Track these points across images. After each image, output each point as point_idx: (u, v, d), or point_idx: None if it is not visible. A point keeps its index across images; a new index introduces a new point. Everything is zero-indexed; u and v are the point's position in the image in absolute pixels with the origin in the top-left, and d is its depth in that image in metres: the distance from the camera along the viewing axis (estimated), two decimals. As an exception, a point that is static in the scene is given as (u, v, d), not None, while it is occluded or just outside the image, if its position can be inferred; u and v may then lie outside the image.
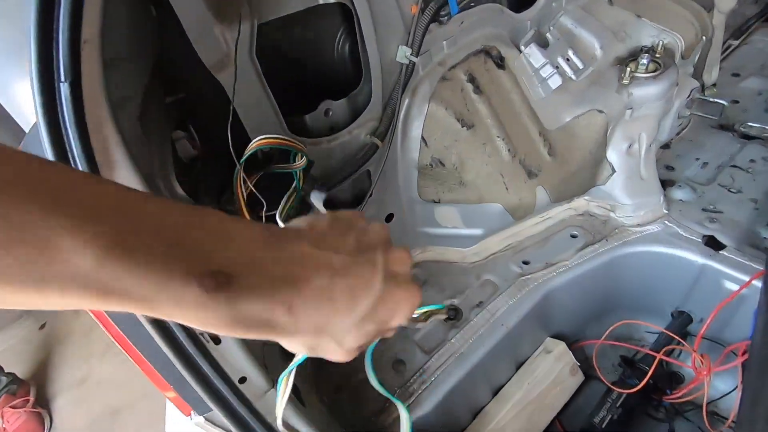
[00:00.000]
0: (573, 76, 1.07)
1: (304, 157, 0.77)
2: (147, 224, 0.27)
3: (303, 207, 0.80)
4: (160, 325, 0.55)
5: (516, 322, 1.12)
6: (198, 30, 0.64)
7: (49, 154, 0.46)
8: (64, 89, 0.44)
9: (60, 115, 0.45)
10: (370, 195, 1.02)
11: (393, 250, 0.38)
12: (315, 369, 1.11)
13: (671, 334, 1.20)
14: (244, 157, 0.69)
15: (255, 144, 0.68)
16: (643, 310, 1.32)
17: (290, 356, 0.88)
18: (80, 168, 0.46)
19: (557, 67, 1.07)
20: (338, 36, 0.94)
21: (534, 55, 1.06)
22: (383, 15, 0.87)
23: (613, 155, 1.18)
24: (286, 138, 0.74)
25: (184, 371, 0.59)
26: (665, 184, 1.31)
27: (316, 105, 0.87)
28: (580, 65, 1.09)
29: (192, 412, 0.74)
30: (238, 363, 0.65)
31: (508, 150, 1.05)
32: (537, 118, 1.09)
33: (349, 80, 0.93)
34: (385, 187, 1.09)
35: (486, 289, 1.21)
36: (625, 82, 1.14)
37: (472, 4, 0.97)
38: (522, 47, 1.08)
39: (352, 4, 0.80)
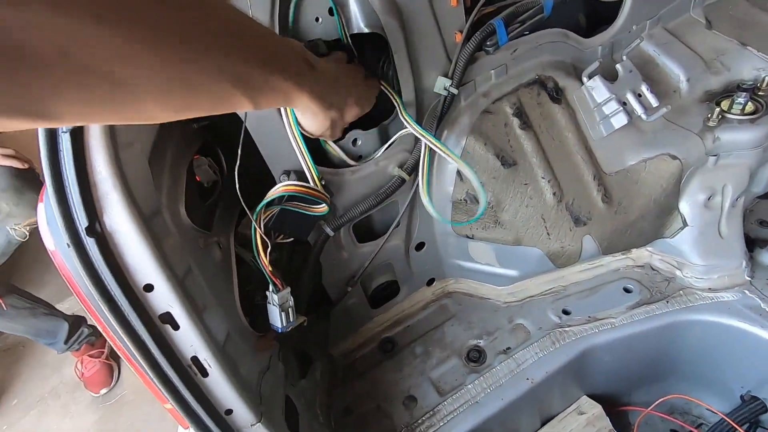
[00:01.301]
0: (643, 116, 0.93)
1: (324, 206, 0.76)
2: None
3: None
4: (148, 356, 0.58)
5: (544, 378, 1.03)
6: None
7: (51, 196, 0.49)
8: (65, 140, 0.47)
9: (62, 163, 0.48)
10: (396, 225, 0.98)
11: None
12: (328, 389, 1.11)
13: (736, 422, 1.02)
14: (261, 205, 0.69)
15: (275, 192, 0.68)
16: (703, 385, 1.14)
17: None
18: (77, 209, 0.49)
19: (624, 104, 0.93)
20: (382, 64, 0.91)
21: (597, 88, 0.94)
22: (423, 42, 0.82)
23: (686, 207, 1.02)
24: (309, 187, 0.73)
25: (172, 401, 0.61)
26: (755, 243, 1.10)
27: (344, 133, 0.85)
28: (653, 102, 0.94)
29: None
30: (225, 396, 0.66)
31: (554, 193, 0.94)
32: (594, 160, 0.97)
33: (384, 108, 0.89)
34: (417, 216, 1.05)
35: (517, 334, 1.12)
36: (712, 123, 0.97)
37: (526, 33, 0.88)
38: (584, 78, 0.96)
39: (384, 32, 0.76)
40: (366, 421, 1.04)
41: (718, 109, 0.96)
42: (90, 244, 0.51)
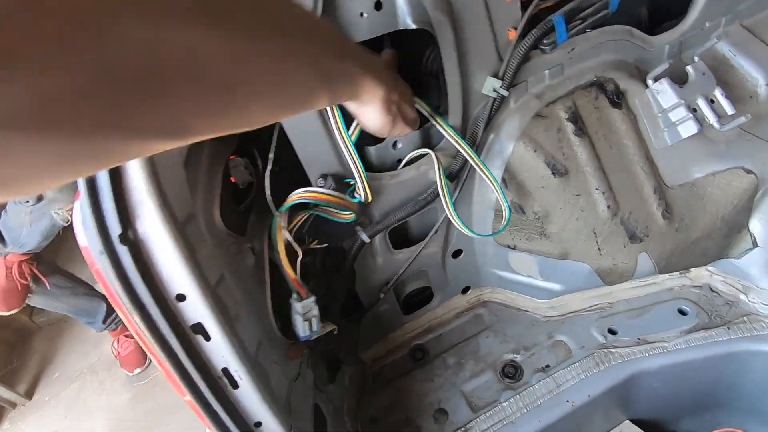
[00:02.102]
0: (716, 124, 0.84)
1: (351, 213, 0.72)
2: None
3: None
4: (179, 366, 0.56)
5: (585, 401, 0.96)
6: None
7: (85, 202, 0.47)
8: None
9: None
10: (433, 233, 0.93)
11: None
12: (357, 393, 1.09)
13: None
14: (284, 208, 0.66)
15: (295, 197, 0.65)
16: (762, 420, 1.04)
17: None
18: (109, 215, 0.47)
19: (695, 111, 0.84)
20: (426, 54, 0.85)
21: (664, 92, 0.85)
22: (472, 40, 0.76)
23: (758, 226, 0.92)
24: (332, 194, 0.69)
25: (203, 412, 0.59)
26: (835, 269, 0.99)
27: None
28: (729, 110, 0.84)
29: None
30: (254, 408, 0.64)
31: (608, 206, 0.87)
32: (655, 171, 0.89)
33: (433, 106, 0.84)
34: (455, 222, 1.00)
35: (557, 351, 1.06)
36: (796, 134, 0.86)
37: (587, 30, 0.80)
38: (650, 81, 0.87)
39: (432, 28, 0.70)
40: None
41: (804, 119, 0.85)
42: (122, 252, 0.49)
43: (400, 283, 1.09)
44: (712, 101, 0.85)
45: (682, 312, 1.03)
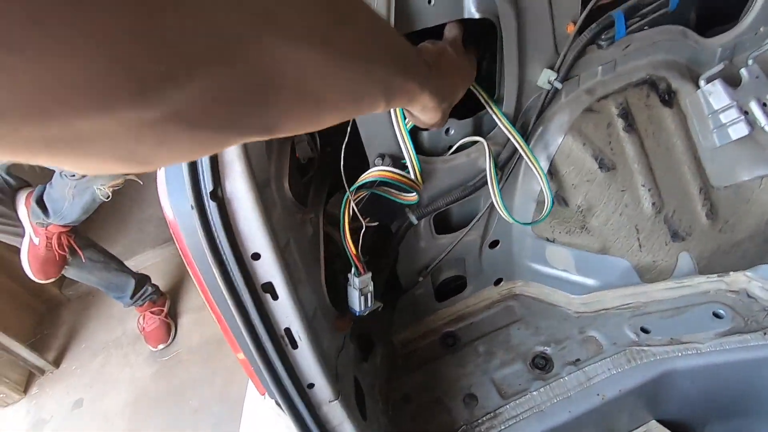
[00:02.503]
0: (767, 127, 0.85)
1: (414, 194, 0.75)
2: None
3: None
4: (248, 323, 0.60)
5: (616, 396, 0.98)
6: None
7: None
8: None
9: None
10: (477, 220, 0.96)
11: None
12: (387, 374, 1.12)
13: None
14: (353, 187, 0.69)
15: (369, 175, 0.68)
16: (796, 429, 1.04)
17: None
18: (204, 172, 0.51)
19: (746, 113, 0.85)
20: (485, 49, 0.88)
21: (716, 93, 0.86)
22: (532, 32, 0.78)
23: (802, 232, 0.92)
24: (402, 175, 0.72)
25: (262, 366, 0.63)
26: None
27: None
28: (781, 114, 0.85)
29: (266, 394, 0.79)
30: (309, 369, 0.67)
31: (653, 203, 0.88)
32: (702, 171, 0.90)
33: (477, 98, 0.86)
34: (496, 213, 1.02)
35: (588, 346, 1.07)
36: None
37: (645, 27, 0.82)
38: (702, 82, 0.88)
39: (498, 19, 0.73)
40: (424, 412, 1.04)
41: None
42: (212, 207, 0.52)
43: (436, 271, 1.11)
44: (765, 105, 0.86)
45: (717, 315, 1.03)
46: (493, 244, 1.09)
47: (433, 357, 1.14)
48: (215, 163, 0.51)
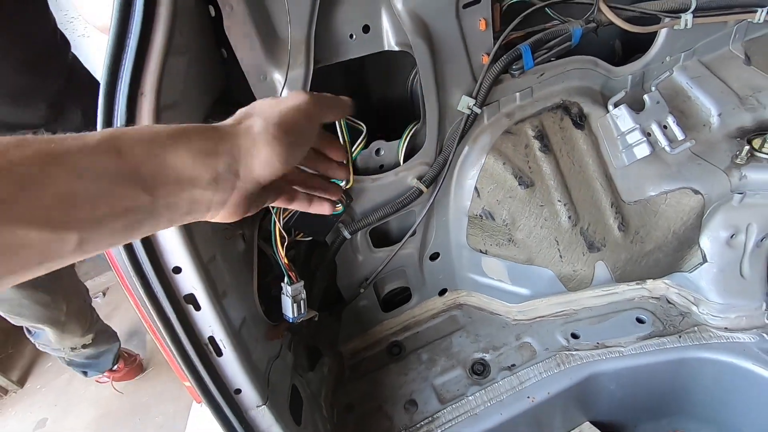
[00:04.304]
0: (667, 148, 0.93)
1: (340, 206, 0.81)
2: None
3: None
4: (172, 332, 0.64)
5: (545, 398, 1.04)
6: (255, 74, 0.71)
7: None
8: (122, 102, 0.53)
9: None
10: (412, 234, 1.02)
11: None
12: (334, 384, 1.16)
13: (742, 467, 0.99)
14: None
15: None
16: (713, 426, 1.11)
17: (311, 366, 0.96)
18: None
19: (649, 135, 0.94)
20: (413, 74, 0.95)
21: (622, 117, 0.95)
22: (449, 62, 0.86)
23: (707, 243, 1.01)
24: None
25: (187, 373, 0.67)
26: (779, 286, 1.07)
27: (370, 142, 0.90)
28: (679, 135, 0.94)
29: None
30: (235, 376, 0.71)
31: (569, 217, 0.96)
32: (613, 187, 0.98)
33: (407, 120, 0.94)
34: (433, 227, 1.08)
35: (523, 352, 1.13)
36: (740, 161, 0.96)
37: (552, 59, 0.90)
38: (610, 107, 0.97)
39: (411, 50, 0.80)
40: (367, 419, 1.08)
41: (747, 147, 0.95)
42: (130, 226, 0.57)
43: (380, 282, 1.17)
44: (665, 127, 0.95)
45: (639, 320, 1.11)
46: (434, 256, 1.15)
47: (379, 366, 1.18)
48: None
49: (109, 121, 0.54)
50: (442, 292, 1.26)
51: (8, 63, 0.94)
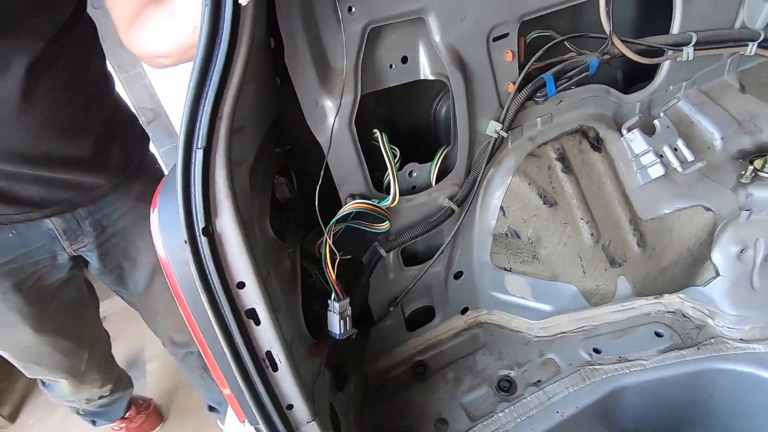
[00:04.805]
0: (679, 168, 1.00)
1: (387, 223, 0.84)
2: None
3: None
4: (232, 346, 0.66)
5: (574, 413, 1.05)
6: (309, 100, 0.76)
7: (179, 199, 0.59)
8: (198, 155, 0.57)
9: (192, 173, 0.58)
10: (441, 252, 1.06)
11: None
12: (362, 404, 1.16)
13: (767, 477, 1.02)
14: (334, 220, 0.78)
15: (347, 208, 0.78)
16: (735, 437, 1.14)
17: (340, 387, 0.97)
18: (198, 211, 0.59)
19: (661, 156, 1.01)
20: (436, 101, 1.01)
21: (636, 140, 1.02)
22: (479, 90, 0.92)
23: (718, 257, 1.07)
24: (376, 206, 0.82)
25: (244, 387, 0.68)
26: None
27: (403, 165, 0.95)
28: (689, 157, 1.01)
29: (246, 420, 0.83)
30: (288, 391, 0.73)
31: (591, 234, 1.01)
32: (630, 206, 1.04)
33: (440, 144, 0.99)
34: (458, 246, 1.12)
35: (547, 368, 1.16)
36: (745, 180, 1.03)
37: (572, 87, 0.98)
38: (624, 131, 1.04)
39: (448, 81, 0.86)
40: (396, 440, 1.08)
41: (751, 167, 1.02)
42: (203, 242, 0.60)
43: (405, 301, 1.19)
44: (676, 149, 1.02)
45: (657, 334, 1.15)
46: (458, 275, 1.19)
47: (405, 386, 1.19)
48: (207, 202, 0.59)
49: (189, 143, 0.57)
50: (464, 311, 1.29)
51: (66, 99, 0.97)
